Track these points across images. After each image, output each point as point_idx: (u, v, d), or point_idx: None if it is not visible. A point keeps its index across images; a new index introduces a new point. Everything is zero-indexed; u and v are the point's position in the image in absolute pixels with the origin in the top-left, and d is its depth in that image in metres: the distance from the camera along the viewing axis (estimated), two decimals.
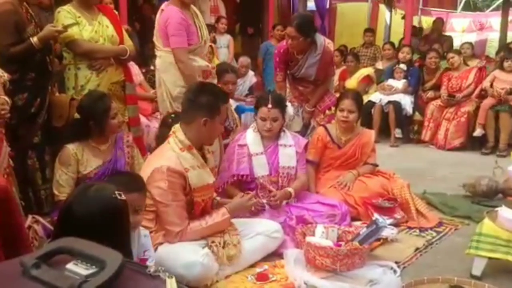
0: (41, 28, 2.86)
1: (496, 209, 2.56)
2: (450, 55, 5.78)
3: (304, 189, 3.12)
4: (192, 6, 3.30)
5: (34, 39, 2.73)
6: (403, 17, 7.76)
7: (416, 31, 7.94)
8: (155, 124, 4.29)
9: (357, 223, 3.01)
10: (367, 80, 6.41)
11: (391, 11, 8.88)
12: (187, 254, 2.23)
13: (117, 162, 2.76)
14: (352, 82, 6.39)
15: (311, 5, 9.05)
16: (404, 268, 2.54)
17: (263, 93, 3.27)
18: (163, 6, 3.24)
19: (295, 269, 2.39)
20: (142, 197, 2.17)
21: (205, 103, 2.38)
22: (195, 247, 2.30)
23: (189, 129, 2.41)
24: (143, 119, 4.23)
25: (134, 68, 4.83)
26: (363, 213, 3.13)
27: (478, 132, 5.40)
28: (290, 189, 2.95)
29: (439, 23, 7.71)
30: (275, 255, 2.60)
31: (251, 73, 6.31)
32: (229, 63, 5.41)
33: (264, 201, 2.87)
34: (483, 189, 3.62)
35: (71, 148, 2.67)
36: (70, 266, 0.88)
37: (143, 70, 5.14)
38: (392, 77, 6.03)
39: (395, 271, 2.41)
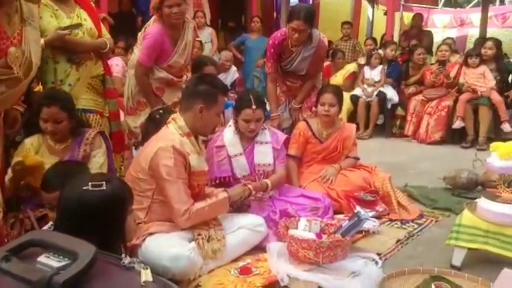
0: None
1: (476, 200, 2.60)
2: (444, 47, 5.85)
3: (282, 182, 3.08)
4: (188, 21, 3.36)
5: (41, 42, 2.67)
6: (385, 13, 7.80)
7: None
8: None
9: (340, 216, 3.01)
10: (353, 77, 6.42)
11: (373, 7, 8.92)
12: (174, 247, 2.23)
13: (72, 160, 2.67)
14: (337, 79, 6.38)
15: (294, 0, 9.03)
16: (386, 260, 2.56)
17: (243, 93, 3.21)
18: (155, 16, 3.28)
19: (278, 262, 2.39)
20: None
21: (203, 91, 2.43)
22: (182, 241, 2.31)
23: (186, 117, 2.44)
24: None
25: (124, 65, 4.80)
26: (346, 206, 3.15)
27: (457, 124, 5.47)
28: (266, 180, 2.92)
29: (418, 19, 7.74)
30: (258, 248, 2.59)
31: (233, 68, 6.26)
32: (209, 56, 5.35)
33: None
34: (463, 182, 3.68)
35: (28, 143, 2.65)
36: (42, 258, 0.87)
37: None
38: (368, 63, 6.07)
39: (376, 263, 2.42)
